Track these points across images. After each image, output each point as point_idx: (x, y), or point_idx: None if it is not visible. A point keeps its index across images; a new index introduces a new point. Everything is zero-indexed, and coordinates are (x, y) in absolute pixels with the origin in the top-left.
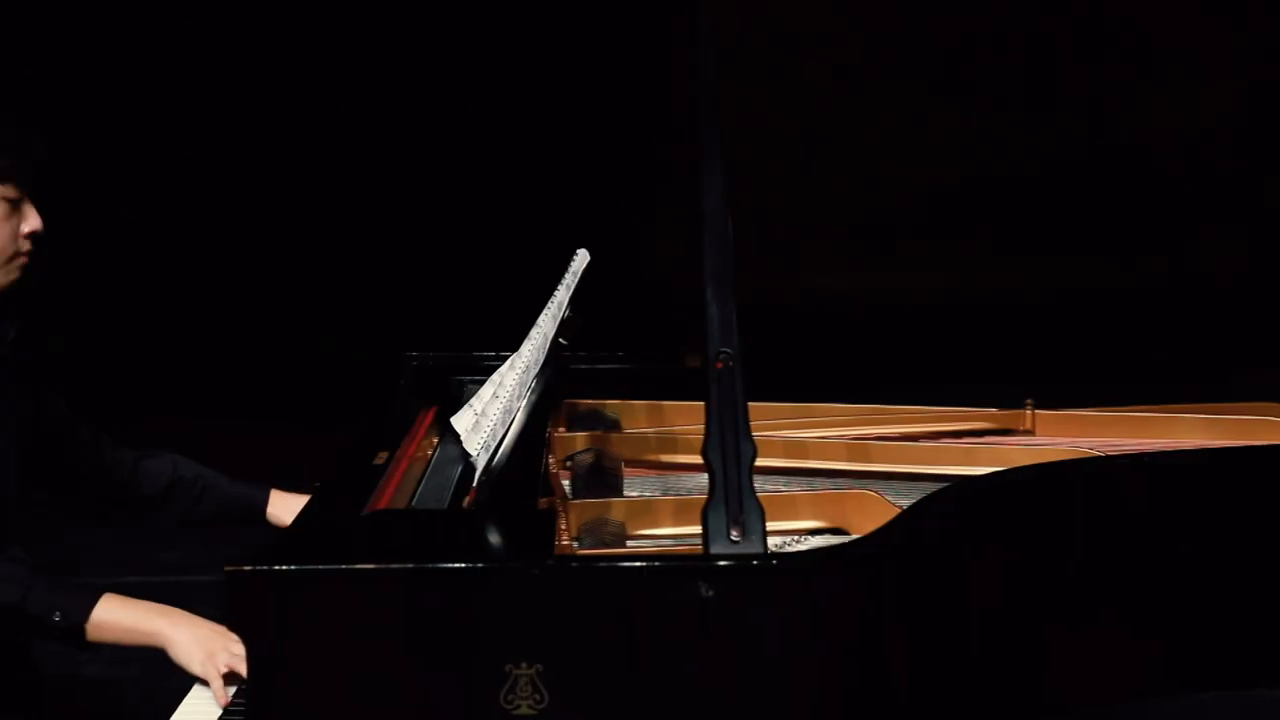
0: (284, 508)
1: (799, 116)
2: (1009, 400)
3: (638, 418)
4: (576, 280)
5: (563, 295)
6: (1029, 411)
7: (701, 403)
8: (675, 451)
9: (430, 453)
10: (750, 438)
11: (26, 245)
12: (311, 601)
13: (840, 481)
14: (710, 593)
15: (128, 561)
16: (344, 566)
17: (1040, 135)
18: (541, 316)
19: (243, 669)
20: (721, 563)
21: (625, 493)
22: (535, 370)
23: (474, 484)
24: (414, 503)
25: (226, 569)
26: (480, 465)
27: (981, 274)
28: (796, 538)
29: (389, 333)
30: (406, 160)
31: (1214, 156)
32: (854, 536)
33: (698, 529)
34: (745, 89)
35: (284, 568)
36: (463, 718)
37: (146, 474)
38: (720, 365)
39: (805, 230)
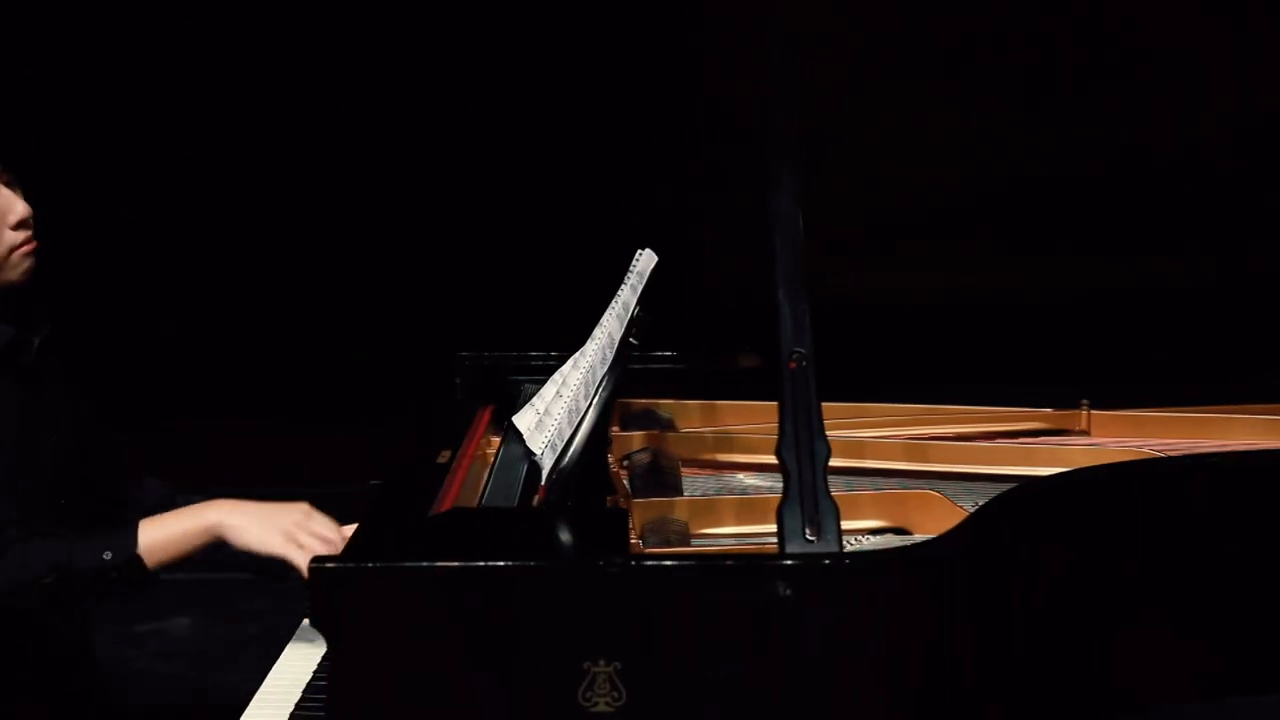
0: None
1: (833, 117)
2: (1057, 400)
3: (691, 417)
4: (644, 281)
5: (628, 295)
6: (1084, 412)
7: (756, 402)
8: (732, 451)
9: (490, 452)
10: (824, 437)
11: (20, 236)
12: (394, 598)
13: (900, 481)
14: (788, 591)
15: None
16: (426, 564)
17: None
18: (605, 316)
19: (322, 550)
20: (798, 562)
21: (684, 492)
22: (602, 370)
23: (543, 482)
24: (483, 501)
25: (311, 564)
26: (547, 464)
27: (1019, 273)
28: (859, 537)
29: (432, 333)
30: (446, 160)
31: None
32: (917, 536)
33: (761, 528)
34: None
35: (368, 564)
36: (541, 714)
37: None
38: (793, 365)
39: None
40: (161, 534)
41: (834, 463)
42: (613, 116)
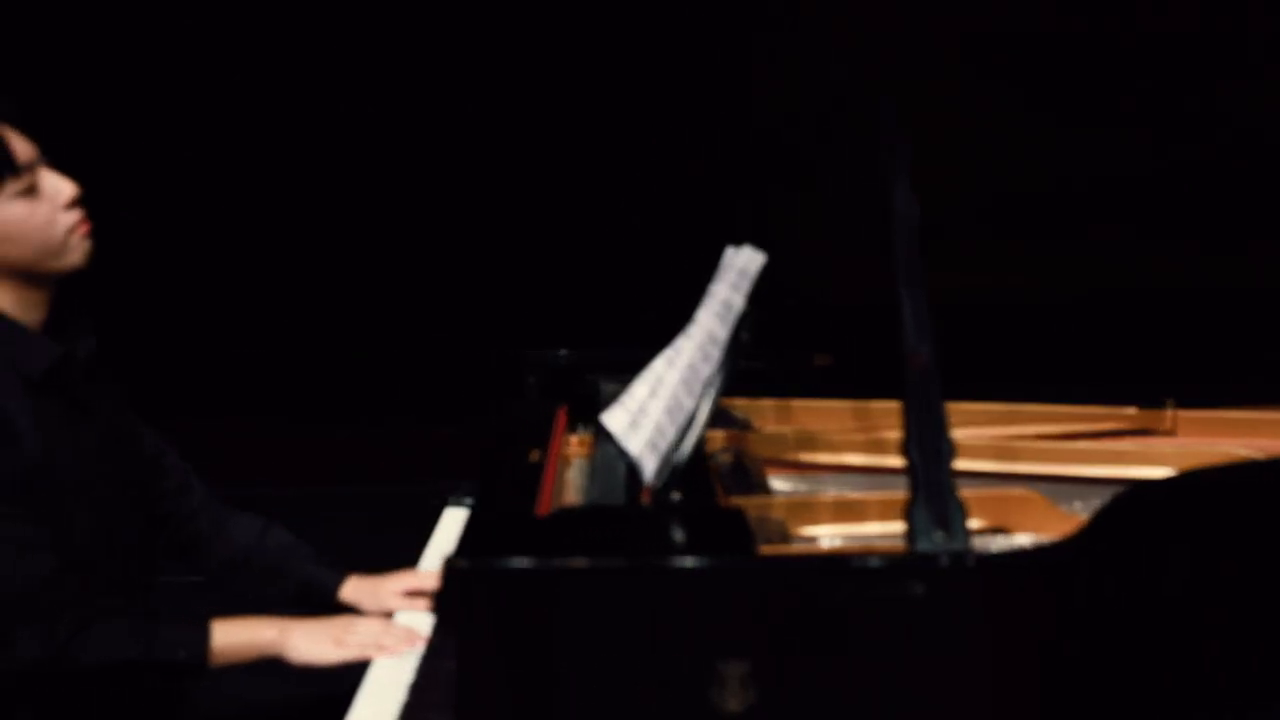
0: (358, 591)
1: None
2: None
3: (766, 417)
4: (750, 280)
5: (726, 293)
6: (1170, 412)
7: (830, 401)
8: (815, 450)
9: (569, 451)
10: (949, 435)
11: (74, 217)
12: (525, 597)
13: (996, 482)
14: (921, 590)
15: None
16: (558, 563)
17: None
18: (700, 314)
19: (370, 651)
20: (929, 561)
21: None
22: (707, 368)
23: (649, 481)
24: (591, 501)
25: (444, 563)
26: (649, 463)
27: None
28: None
29: (479, 332)
30: (493, 162)
31: None
32: (1016, 537)
33: (858, 528)
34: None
35: (501, 564)
36: (670, 714)
37: (226, 537)
38: (916, 363)
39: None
40: (227, 640)
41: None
42: (674, 121)
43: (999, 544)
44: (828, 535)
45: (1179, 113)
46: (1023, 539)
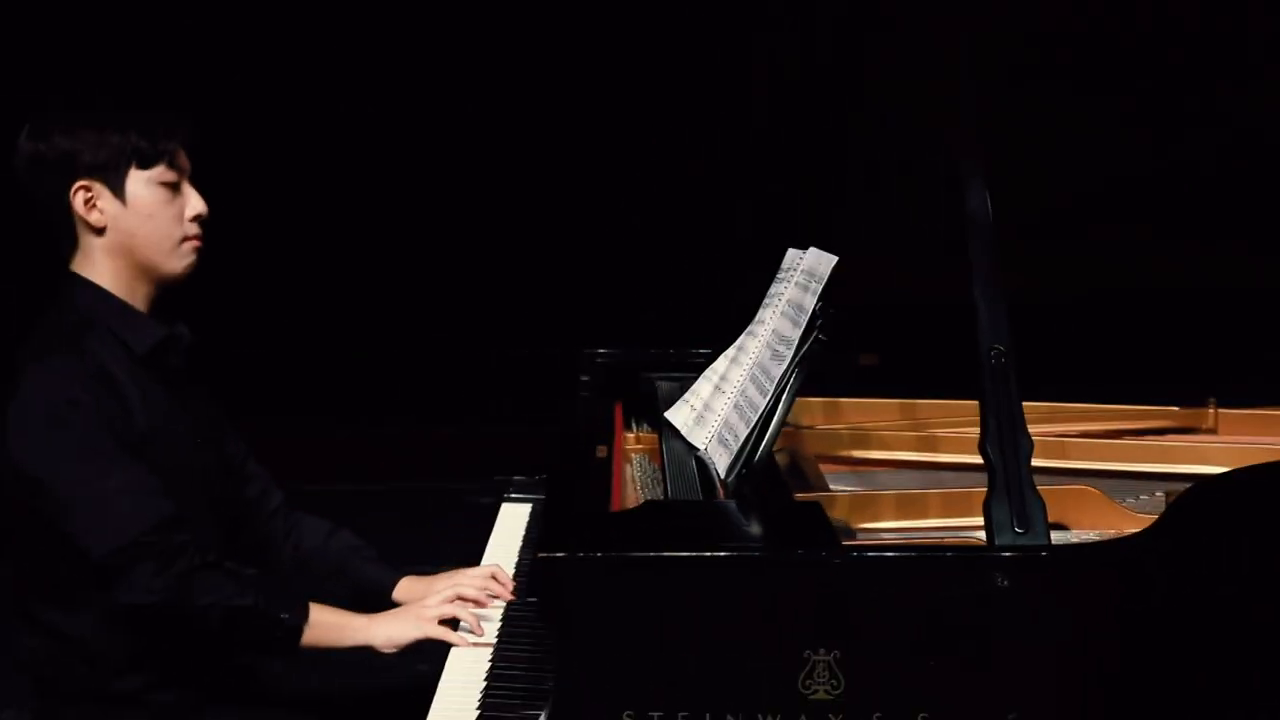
0: (410, 591)
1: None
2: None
3: (814, 415)
4: (821, 281)
5: (794, 293)
6: (1212, 410)
7: (879, 400)
8: (868, 447)
9: (629, 448)
10: (1027, 431)
11: (193, 229)
12: (622, 586)
13: (1051, 479)
14: (1005, 583)
15: None
16: (652, 554)
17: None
18: (765, 314)
19: (448, 608)
20: (1013, 555)
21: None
22: (779, 366)
23: (724, 478)
24: (669, 495)
25: (539, 555)
26: (719, 460)
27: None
28: None
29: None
30: (546, 162)
31: None
32: (1073, 532)
33: (920, 523)
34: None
35: (597, 554)
36: (761, 701)
37: (295, 539)
38: (994, 361)
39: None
40: (323, 618)
41: (977, 459)
42: (737, 122)
43: (1059, 539)
44: (889, 530)
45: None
46: (1083, 534)
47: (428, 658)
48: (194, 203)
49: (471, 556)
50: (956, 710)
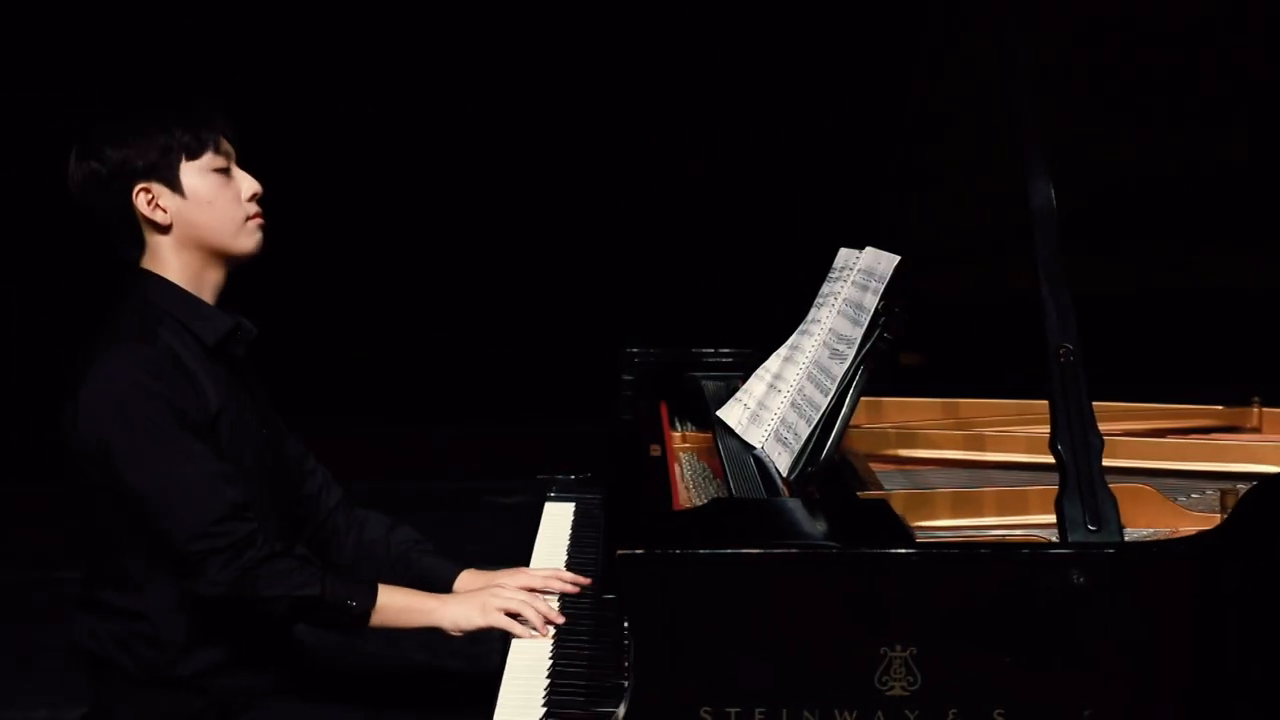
0: (471, 585)
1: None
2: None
3: (858, 414)
4: (883, 281)
5: (851, 292)
6: (1256, 409)
7: (921, 399)
8: (915, 446)
9: (677, 447)
10: (1097, 429)
11: (253, 208)
12: (700, 583)
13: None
14: (1081, 580)
15: None
16: (731, 550)
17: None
18: (821, 313)
19: (514, 604)
20: (1088, 551)
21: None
22: (840, 365)
23: (788, 475)
24: (733, 493)
25: (619, 552)
26: (779, 458)
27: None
28: None
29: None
30: (591, 161)
31: None
32: (1130, 530)
33: (975, 520)
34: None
35: (676, 551)
36: (837, 696)
37: (357, 533)
38: (1062, 359)
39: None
40: (391, 601)
41: (1023, 458)
42: (781, 119)
43: None
44: (945, 528)
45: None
46: (1138, 532)
47: (487, 645)
48: (247, 182)
49: (493, 555)
50: (1032, 707)
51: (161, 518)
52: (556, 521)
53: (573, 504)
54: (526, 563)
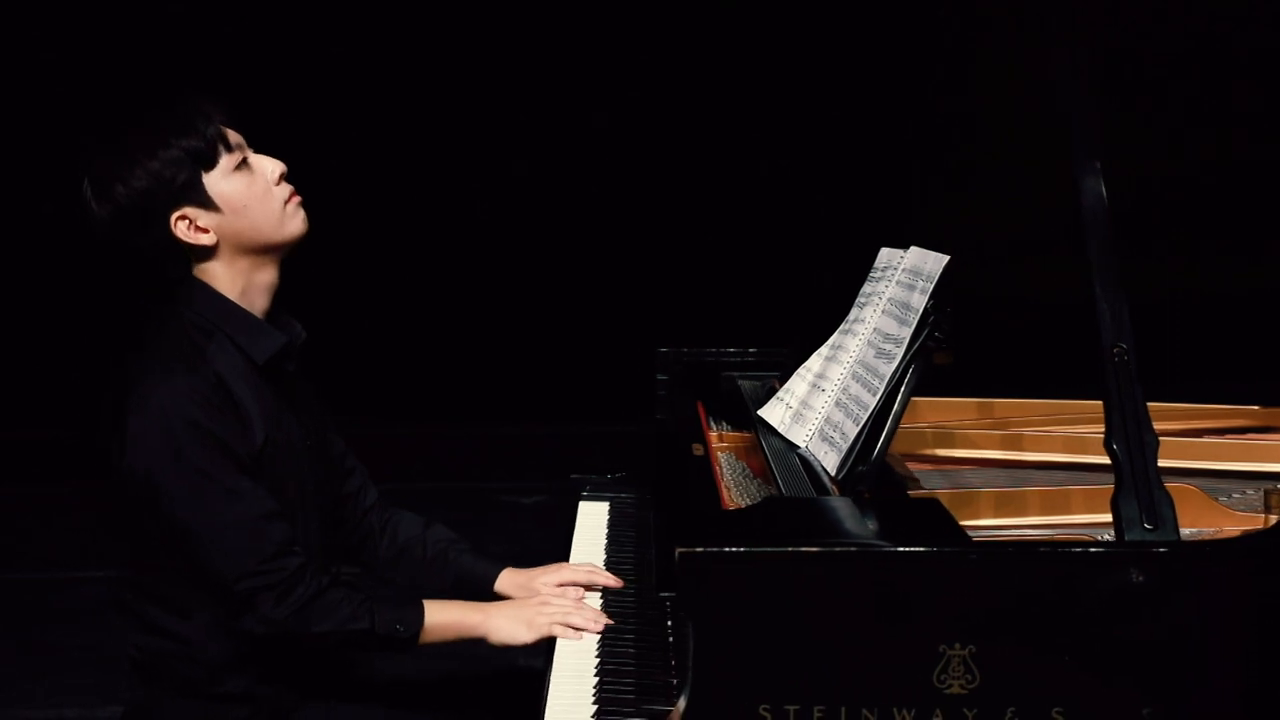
0: (513, 584)
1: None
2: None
3: None
4: (930, 281)
5: (896, 291)
6: None
7: (954, 398)
8: (952, 445)
9: (716, 446)
10: (1152, 428)
11: (286, 189)
12: (758, 581)
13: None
14: (1141, 579)
15: None
16: (790, 549)
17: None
18: (865, 312)
19: (559, 630)
20: (1148, 549)
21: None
22: (892, 365)
23: (837, 475)
24: (783, 491)
25: (679, 550)
26: (830, 458)
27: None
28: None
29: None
30: (630, 160)
31: None
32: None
33: (1023, 520)
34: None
35: (735, 549)
36: (896, 695)
37: (391, 531)
38: (1117, 359)
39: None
40: (438, 619)
41: (1061, 458)
42: (815, 119)
43: None
44: (990, 528)
45: None
46: (1185, 531)
47: (527, 650)
48: (270, 165)
49: (520, 555)
50: (1091, 706)
51: (210, 556)
52: (592, 521)
53: (607, 503)
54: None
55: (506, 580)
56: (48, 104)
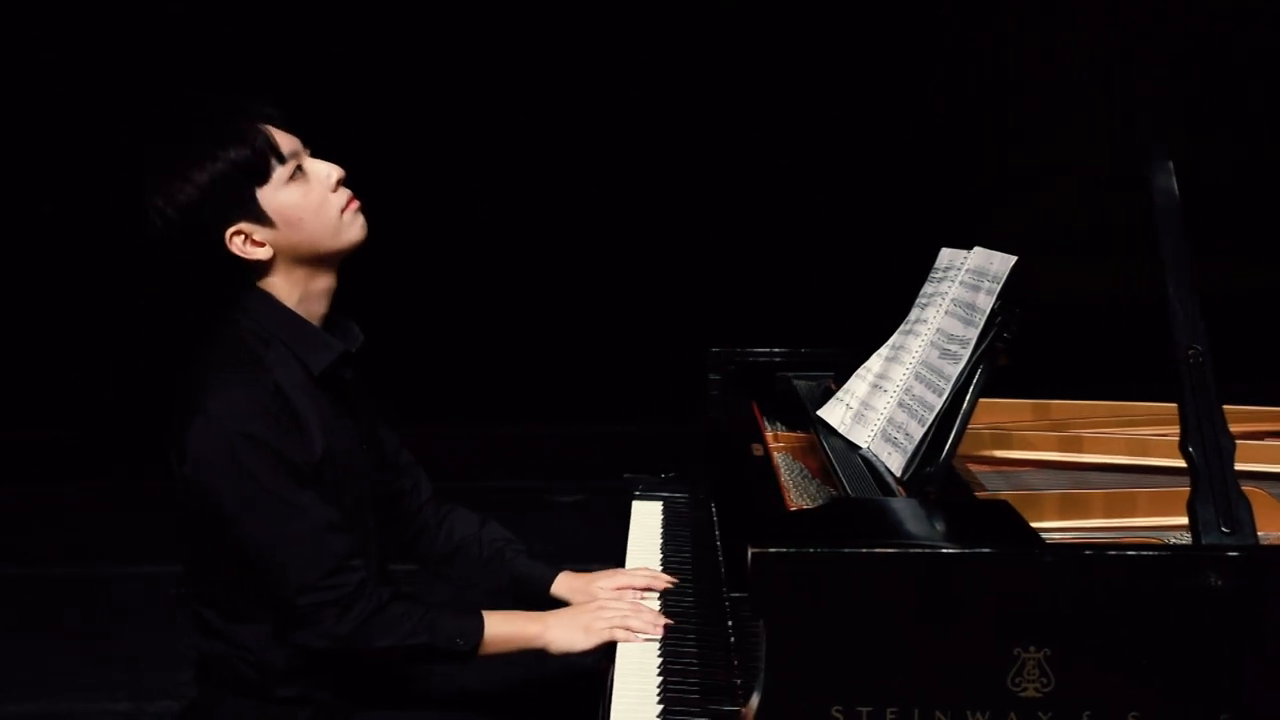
0: (570, 588)
1: None
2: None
3: None
4: (997, 281)
5: (959, 292)
6: None
7: (1012, 399)
8: (1011, 447)
9: (773, 447)
10: (1228, 431)
11: (344, 196)
12: (832, 582)
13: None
14: (1219, 583)
15: None
16: (864, 549)
17: None
18: (927, 312)
19: (619, 634)
20: (1226, 553)
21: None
22: (958, 366)
23: (902, 476)
24: (849, 492)
25: (752, 550)
26: (895, 459)
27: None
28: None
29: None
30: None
31: None
32: None
33: (1088, 522)
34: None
35: (810, 550)
36: (970, 697)
37: (448, 529)
38: (1191, 359)
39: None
40: (497, 632)
41: (1122, 460)
42: (874, 120)
43: None
44: (1056, 530)
45: None
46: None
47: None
48: (325, 170)
49: (565, 554)
50: (1168, 710)
51: (270, 569)
52: (646, 520)
53: (660, 503)
54: (619, 562)
55: (563, 583)
56: (48, 104)
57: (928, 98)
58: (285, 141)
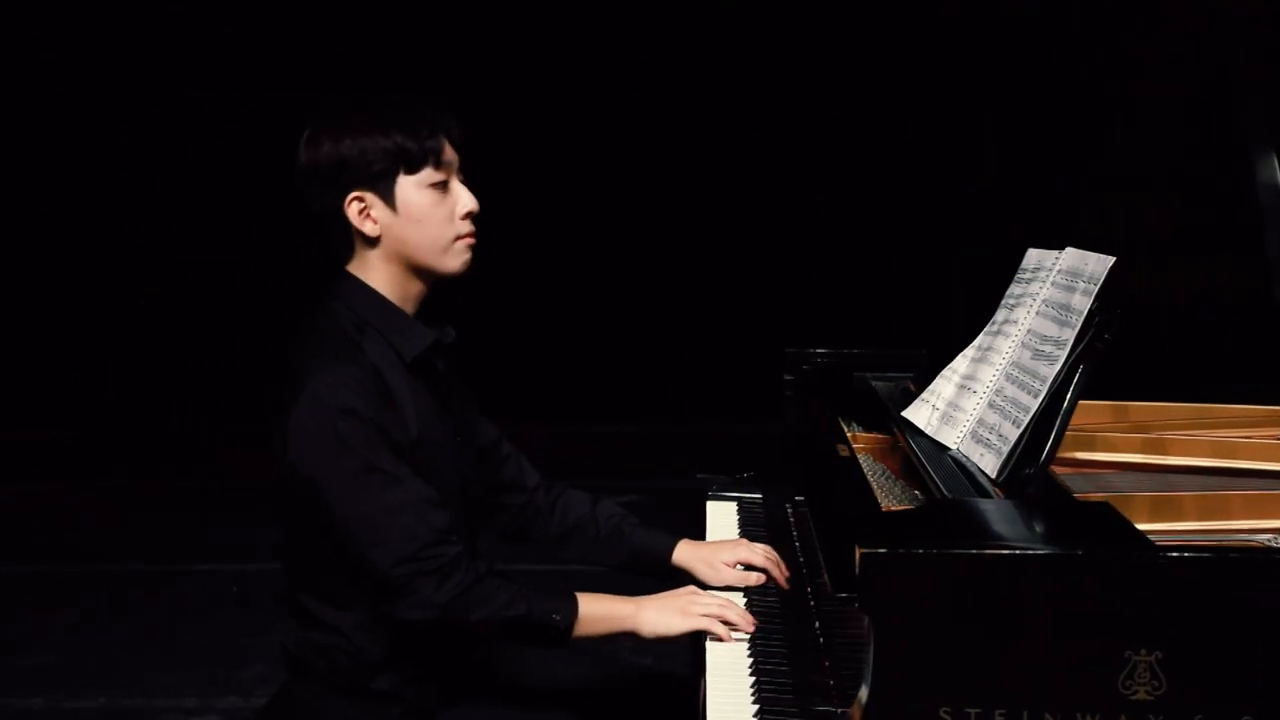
0: (692, 556)
1: None
2: None
3: None
4: (1093, 282)
5: (1054, 294)
6: None
7: (1092, 401)
8: (1093, 449)
9: (858, 447)
10: None
11: (466, 227)
12: (941, 583)
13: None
14: None
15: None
16: (974, 551)
17: None
18: (1017, 313)
19: (714, 624)
20: None
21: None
22: (1054, 368)
23: (997, 477)
24: (944, 494)
25: (860, 550)
26: (989, 460)
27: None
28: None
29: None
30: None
31: None
32: None
33: (1180, 525)
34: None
35: (920, 551)
36: (1080, 700)
37: (560, 510)
38: None
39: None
40: (591, 611)
41: (1208, 462)
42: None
43: None
44: (1149, 532)
45: None
46: None
47: (668, 645)
48: (464, 200)
49: None
50: None
51: (369, 544)
52: (722, 521)
53: (734, 504)
54: None
55: (684, 551)
56: (48, 104)
57: (1010, 103)
58: (448, 154)
